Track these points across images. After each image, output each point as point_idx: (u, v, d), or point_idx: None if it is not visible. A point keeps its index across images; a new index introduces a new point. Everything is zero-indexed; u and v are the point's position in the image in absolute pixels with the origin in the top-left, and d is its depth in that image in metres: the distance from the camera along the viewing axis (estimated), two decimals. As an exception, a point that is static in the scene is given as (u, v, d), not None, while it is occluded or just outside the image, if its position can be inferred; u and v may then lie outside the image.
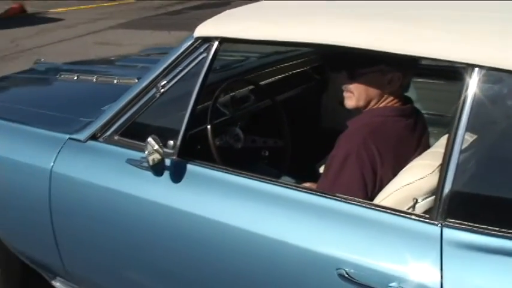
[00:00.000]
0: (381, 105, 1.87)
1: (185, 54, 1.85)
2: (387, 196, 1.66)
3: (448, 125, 2.45)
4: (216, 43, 1.79)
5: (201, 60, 1.82)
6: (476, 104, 1.41)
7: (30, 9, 12.88)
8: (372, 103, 1.87)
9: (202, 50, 1.82)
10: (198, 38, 1.83)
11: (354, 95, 1.87)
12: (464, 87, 1.43)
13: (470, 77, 1.42)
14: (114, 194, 1.93)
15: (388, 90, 1.84)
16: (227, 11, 1.94)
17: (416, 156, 1.81)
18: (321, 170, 2.21)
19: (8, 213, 2.34)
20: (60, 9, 13.39)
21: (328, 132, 2.27)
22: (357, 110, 1.92)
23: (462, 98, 1.42)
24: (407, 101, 1.94)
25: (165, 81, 1.88)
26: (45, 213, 2.11)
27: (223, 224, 1.70)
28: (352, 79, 1.85)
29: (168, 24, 10.85)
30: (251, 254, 1.67)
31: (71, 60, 6.88)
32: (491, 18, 1.65)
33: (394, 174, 1.75)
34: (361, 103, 1.87)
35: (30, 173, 2.15)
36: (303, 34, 1.71)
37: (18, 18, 12.03)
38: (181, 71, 1.87)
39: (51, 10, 13.27)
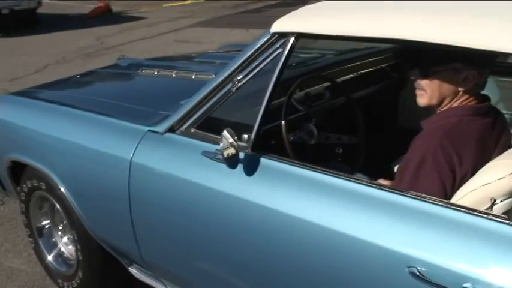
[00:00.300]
0: (454, 105, 1.82)
1: (261, 49, 1.87)
2: (464, 195, 1.62)
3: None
4: (292, 38, 1.80)
5: (276, 55, 1.83)
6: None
7: (115, 8, 13.40)
8: (446, 102, 1.83)
9: (278, 45, 1.83)
10: (274, 34, 1.84)
11: (427, 93, 1.83)
12: None
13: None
14: (189, 185, 1.99)
15: (463, 88, 1.79)
16: (304, 7, 1.95)
17: (495, 156, 1.75)
18: (396, 169, 2.18)
19: (90, 202, 2.46)
20: (143, 9, 13.84)
21: (405, 132, 2.21)
22: (429, 109, 1.88)
23: None
24: (485, 99, 1.87)
25: (241, 76, 1.91)
26: (125, 203, 2.20)
27: (295, 218, 1.70)
28: (426, 77, 1.82)
29: (246, 22, 10.97)
30: (322, 248, 1.66)
31: (153, 57, 7.12)
32: None
33: (473, 174, 1.70)
34: (434, 101, 1.83)
35: (111, 163, 2.25)
36: (383, 30, 1.68)
37: (104, 17, 12.56)
38: (257, 66, 1.89)
39: (135, 9, 13.74)
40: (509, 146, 1.86)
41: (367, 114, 2.57)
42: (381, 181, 2.03)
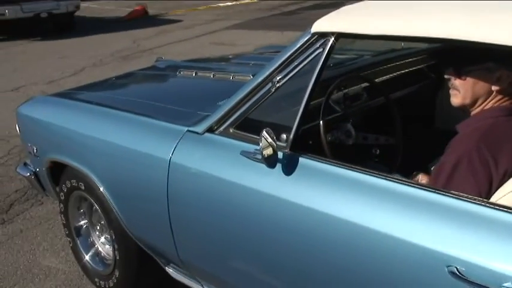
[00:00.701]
0: (488, 106, 1.81)
1: (301, 49, 1.86)
2: (504, 195, 1.60)
3: None
4: (332, 38, 1.79)
5: (316, 55, 1.83)
6: None
7: (151, 11, 13.58)
8: (479, 102, 1.82)
9: (318, 45, 1.83)
10: (314, 34, 1.84)
11: (460, 93, 1.83)
12: None
13: None
14: (228, 185, 1.99)
15: (496, 88, 1.77)
16: (344, 7, 1.94)
17: None
18: (432, 170, 2.15)
19: (128, 201, 2.48)
20: (179, 11, 13.99)
21: (442, 133, 2.20)
22: (464, 108, 1.87)
23: None
24: None
25: (280, 76, 1.91)
26: (163, 202, 2.22)
27: (333, 217, 1.70)
28: (459, 76, 1.82)
29: (281, 24, 10.98)
30: (359, 248, 1.66)
31: (189, 58, 7.17)
32: None
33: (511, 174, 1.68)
34: (467, 101, 1.83)
35: (150, 164, 2.27)
36: (423, 29, 1.66)
37: (140, 19, 12.73)
38: (296, 66, 1.88)
39: (171, 12, 13.90)
40: None
41: (404, 114, 2.55)
42: (420, 176, 1.99)
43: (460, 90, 1.83)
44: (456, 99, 1.86)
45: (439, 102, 3.18)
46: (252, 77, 2.66)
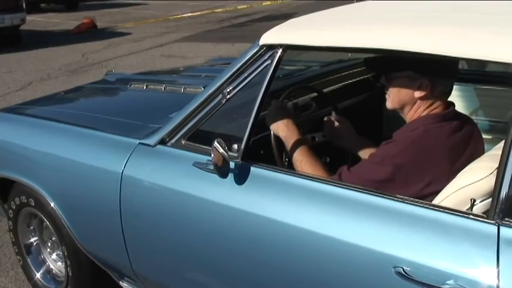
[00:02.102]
0: (417, 115, 1.90)
1: (250, 61, 1.91)
2: (446, 197, 1.67)
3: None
4: (280, 50, 1.84)
5: (265, 67, 1.87)
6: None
7: (99, 24, 13.41)
8: (407, 108, 1.92)
9: (266, 57, 1.87)
10: (262, 46, 1.88)
11: (390, 98, 1.96)
12: None
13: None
14: (181, 196, 2.01)
15: (418, 95, 1.87)
16: (291, 20, 1.99)
17: (466, 158, 1.84)
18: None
19: (81, 216, 2.46)
20: (128, 24, 13.88)
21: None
22: (399, 112, 1.98)
23: None
24: (449, 105, 1.95)
25: (230, 88, 1.95)
26: (116, 216, 2.21)
27: (285, 224, 1.74)
28: (388, 82, 1.94)
29: (231, 36, 11.05)
30: (312, 253, 1.70)
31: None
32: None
33: (445, 176, 1.77)
34: (396, 106, 1.95)
35: (102, 177, 2.26)
36: (359, 40, 1.74)
37: (89, 33, 12.56)
38: (246, 78, 1.92)
39: (120, 25, 13.77)
40: (482, 149, 1.95)
41: (353, 123, 2.61)
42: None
43: (390, 95, 1.96)
44: (388, 103, 1.99)
45: (385, 111, 3.27)
46: (203, 89, 2.70)
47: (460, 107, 2.48)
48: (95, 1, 19.10)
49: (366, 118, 3.07)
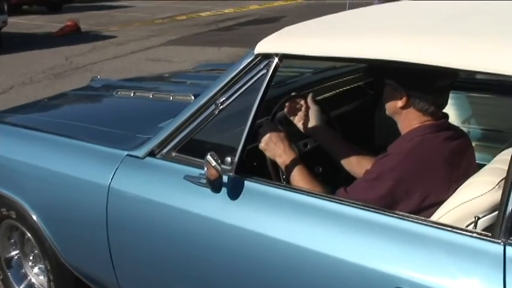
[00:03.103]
0: (416, 125, 1.85)
1: (245, 70, 1.84)
2: (446, 213, 1.62)
3: (505, 140, 2.42)
4: (276, 59, 1.78)
5: (260, 76, 1.81)
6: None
7: (83, 27, 13.25)
8: (398, 117, 1.89)
9: (262, 66, 1.81)
10: (258, 55, 1.82)
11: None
12: None
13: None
14: (171, 211, 1.93)
15: (400, 105, 1.83)
16: (287, 28, 1.93)
17: (463, 169, 1.81)
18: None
19: (65, 229, 2.36)
20: (112, 27, 13.74)
21: (381, 150, 2.24)
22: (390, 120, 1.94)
23: None
24: (442, 116, 1.91)
25: (224, 98, 1.88)
26: (102, 230, 2.13)
27: (281, 242, 1.68)
28: (382, 88, 1.91)
29: (218, 40, 10.97)
30: (308, 272, 1.64)
31: (124, 76, 7.01)
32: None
33: (442, 187, 1.74)
34: (388, 112, 1.92)
35: (88, 190, 2.17)
36: (356, 50, 1.69)
37: (72, 35, 12.39)
38: (240, 87, 1.86)
39: (104, 28, 13.63)
40: (474, 160, 1.93)
41: (345, 132, 2.56)
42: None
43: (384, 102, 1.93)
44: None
45: (377, 119, 3.23)
46: (192, 96, 2.63)
47: (452, 115, 2.45)
48: (79, 3, 18.88)
49: (358, 126, 3.02)
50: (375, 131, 3.25)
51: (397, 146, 1.85)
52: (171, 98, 2.75)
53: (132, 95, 2.91)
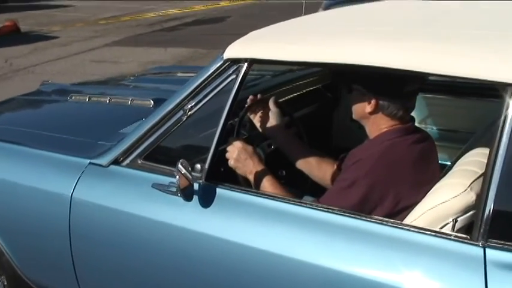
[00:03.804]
0: (385, 129, 1.86)
1: (214, 75, 1.81)
2: (419, 216, 1.63)
3: (460, 140, 2.48)
4: (245, 64, 1.76)
5: (229, 82, 1.78)
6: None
7: (23, 27, 12.80)
8: (366, 122, 1.89)
9: (231, 71, 1.78)
10: (227, 60, 1.79)
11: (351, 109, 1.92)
12: (505, 107, 1.41)
13: (510, 96, 1.40)
14: (138, 220, 1.88)
15: (368, 111, 1.84)
16: (254, 32, 1.90)
17: (431, 172, 1.84)
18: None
19: (23, 241, 2.27)
20: (54, 27, 13.33)
21: (339, 150, 2.26)
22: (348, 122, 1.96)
23: (502, 117, 1.41)
24: (409, 120, 1.93)
25: (192, 104, 1.84)
26: (64, 241, 2.05)
27: (255, 250, 1.66)
28: (348, 93, 1.91)
29: (164, 41, 10.82)
30: (285, 280, 1.62)
31: (69, 78, 6.81)
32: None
33: (414, 190, 1.75)
34: (356, 117, 1.92)
35: (49, 200, 2.09)
36: (327, 55, 1.69)
37: (12, 36, 11.94)
38: (209, 93, 1.83)
39: (45, 28, 13.21)
40: (438, 162, 1.95)
41: (305, 133, 2.57)
42: None
43: (351, 106, 1.92)
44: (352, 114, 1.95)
45: (335, 121, 3.26)
46: (152, 101, 2.58)
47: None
48: (17, 2, 18.22)
49: (317, 128, 3.04)
50: (332, 133, 3.28)
51: (366, 151, 1.85)
52: (130, 102, 2.68)
53: (87, 99, 2.82)
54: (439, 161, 1.99)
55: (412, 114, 2.82)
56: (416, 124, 2.25)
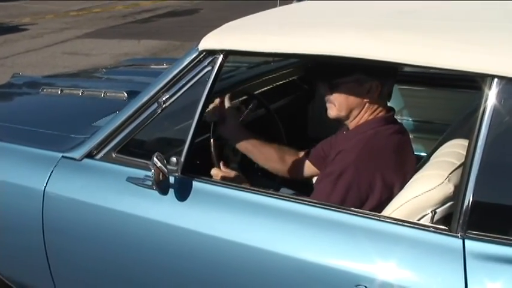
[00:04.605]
0: (363, 120, 1.88)
1: (189, 67, 1.79)
2: (398, 207, 1.64)
3: (435, 131, 2.51)
4: (221, 56, 1.74)
5: (205, 73, 1.76)
6: (496, 114, 1.40)
7: (-10, 19, 12.53)
8: (354, 113, 1.88)
9: (206, 63, 1.76)
10: (202, 51, 1.76)
11: (335, 105, 1.88)
12: (484, 98, 1.41)
13: (490, 87, 1.40)
14: (113, 214, 1.85)
15: (368, 99, 1.85)
16: (230, 23, 1.88)
17: (411, 162, 1.85)
18: (314, 180, 2.20)
19: (-6, 236, 2.21)
20: (24, 19, 13.08)
21: (314, 142, 2.29)
22: (339, 120, 1.93)
23: (481, 108, 1.41)
24: (390, 109, 1.95)
25: (167, 96, 1.81)
26: (38, 236, 2.01)
27: (232, 243, 1.65)
28: (332, 89, 1.87)
29: (137, 33, 10.69)
30: (263, 271, 1.62)
31: (40, 71, 6.68)
32: (493, 28, 1.64)
33: (399, 178, 1.77)
34: (343, 113, 1.88)
35: (21, 195, 2.04)
36: (307, 46, 1.66)
37: (-21, 28, 11.68)
38: (184, 85, 1.80)
39: (15, 20, 12.95)
40: (413, 153, 1.96)
41: (281, 124, 2.57)
42: None
43: (335, 103, 1.88)
44: (332, 112, 1.90)
45: (311, 113, 3.26)
46: (125, 93, 2.55)
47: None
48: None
49: (292, 120, 3.04)
50: (308, 124, 3.28)
51: (349, 141, 1.85)
52: (103, 95, 2.64)
53: (59, 92, 2.76)
54: (415, 153, 2.00)
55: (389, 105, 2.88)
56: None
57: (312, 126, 3.28)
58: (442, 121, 2.66)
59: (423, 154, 2.37)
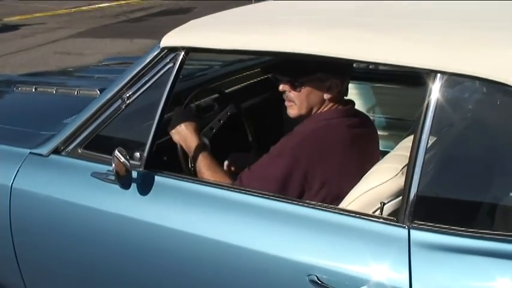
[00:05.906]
0: (323, 111, 1.90)
1: (151, 64, 1.82)
2: (353, 200, 1.68)
3: (407, 128, 2.54)
4: (182, 53, 1.77)
5: (167, 70, 1.79)
6: (439, 108, 1.44)
7: (-20, 18, 12.51)
8: (314, 110, 1.90)
9: (168, 60, 1.79)
10: (164, 48, 1.80)
11: (296, 104, 1.90)
12: (428, 92, 1.45)
13: (433, 82, 1.45)
14: (79, 209, 1.88)
15: (328, 96, 1.88)
16: (192, 21, 1.92)
17: (365, 155, 1.89)
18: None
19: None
20: (13, 18, 13.05)
21: None
22: (299, 119, 1.94)
23: (426, 102, 1.45)
24: (349, 102, 1.98)
25: (130, 92, 1.85)
26: (6, 232, 2.04)
27: (192, 235, 1.68)
28: (293, 88, 1.88)
29: (129, 32, 10.70)
30: (221, 263, 1.66)
31: (31, 70, 6.66)
32: (452, 27, 1.68)
33: (345, 172, 1.80)
34: (303, 111, 1.90)
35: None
36: (267, 43, 1.70)
37: (-30, 27, 11.68)
38: (147, 81, 1.83)
39: (5, 19, 12.93)
40: (378, 147, 2.02)
41: (256, 123, 2.59)
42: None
43: (296, 102, 1.90)
44: (293, 111, 1.92)
45: (285, 111, 3.28)
46: (98, 91, 2.57)
47: (357, 104, 2.54)
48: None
49: (267, 117, 3.07)
50: (283, 123, 3.31)
51: (303, 126, 1.88)
52: (76, 93, 2.67)
53: (33, 90, 2.79)
54: (387, 149, 2.03)
55: (361, 103, 2.92)
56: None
57: (288, 124, 3.30)
58: (411, 118, 2.69)
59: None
